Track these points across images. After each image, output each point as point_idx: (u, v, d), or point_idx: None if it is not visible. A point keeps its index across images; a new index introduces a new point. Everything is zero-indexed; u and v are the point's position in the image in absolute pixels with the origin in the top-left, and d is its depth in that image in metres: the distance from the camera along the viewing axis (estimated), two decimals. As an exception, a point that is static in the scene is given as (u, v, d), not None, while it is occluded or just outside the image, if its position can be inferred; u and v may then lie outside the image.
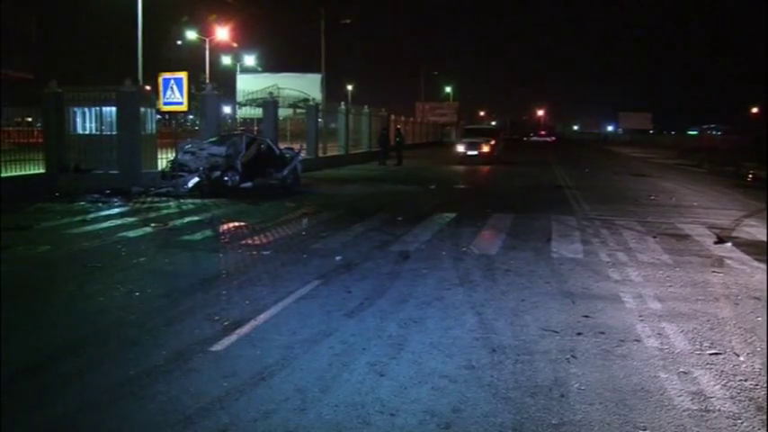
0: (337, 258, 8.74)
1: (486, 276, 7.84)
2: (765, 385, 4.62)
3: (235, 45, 50.77)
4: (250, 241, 10.19)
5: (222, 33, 45.65)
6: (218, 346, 5.33)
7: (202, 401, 4.29)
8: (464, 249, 9.46)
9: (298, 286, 7.22)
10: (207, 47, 45.25)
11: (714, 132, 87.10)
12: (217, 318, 6.09)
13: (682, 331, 5.83)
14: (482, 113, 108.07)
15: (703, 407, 4.28)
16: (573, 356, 5.19)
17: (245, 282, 7.54)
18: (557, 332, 5.78)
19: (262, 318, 6.10)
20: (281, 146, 20.78)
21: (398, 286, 7.32)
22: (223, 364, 4.96)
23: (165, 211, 13.47)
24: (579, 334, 5.74)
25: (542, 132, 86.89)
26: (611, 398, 4.41)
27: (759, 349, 5.39)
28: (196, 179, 16.08)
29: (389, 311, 6.35)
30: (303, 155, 21.74)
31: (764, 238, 10.67)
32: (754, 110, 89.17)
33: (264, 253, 9.23)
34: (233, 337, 5.55)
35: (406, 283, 7.45)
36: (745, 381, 4.72)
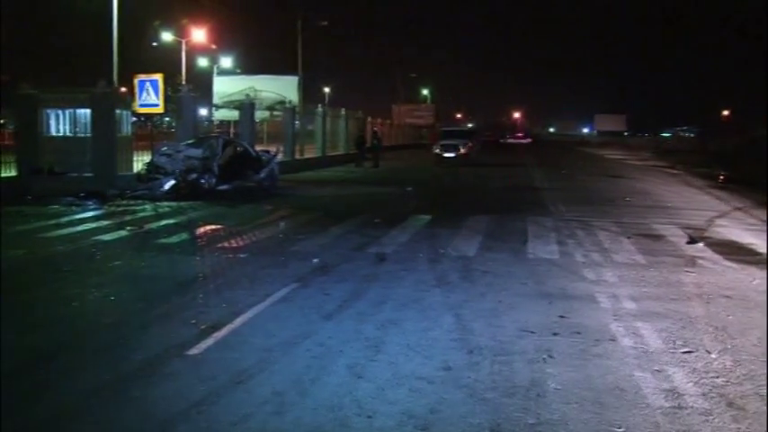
0: (315, 261, 8.73)
1: (463, 278, 7.88)
2: (736, 381, 4.71)
3: (214, 47, 50.50)
4: (227, 244, 10.13)
5: (199, 35, 45.38)
6: (194, 350, 5.31)
7: (179, 406, 4.27)
8: (441, 251, 9.49)
9: (275, 289, 7.21)
10: (183, 48, 44.94)
11: (687, 134, 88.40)
12: (193, 321, 6.06)
13: (656, 330, 5.91)
14: (459, 115, 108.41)
15: (676, 404, 4.35)
16: (549, 356, 5.23)
17: (222, 285, 7.50)
18: (533, 332, 5.82)
19: (239, 321, 6.07)
20: (258, 148, 20.72)
21: (376, 288, 7.34)
22: (200, 368, 4.93)
23: (140, 214, 13.35)
24: (555, 334, 5.79)
25: (519, 134, 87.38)
26: (588, 397, 4.45)
27: (729, 347, 5.49)
28: (172, 182, 15.96)
29: (367, 313, 6.36)
30: (280, 157, 21.68)
31: (735, 238, 10.85)
32: (725, 112, 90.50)
33: (241, 256, 9.19)
34: (210, 341, 5.52)
35: (383, 285, 7.47)
36: (717, 378, 4.80)
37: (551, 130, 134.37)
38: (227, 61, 54.57)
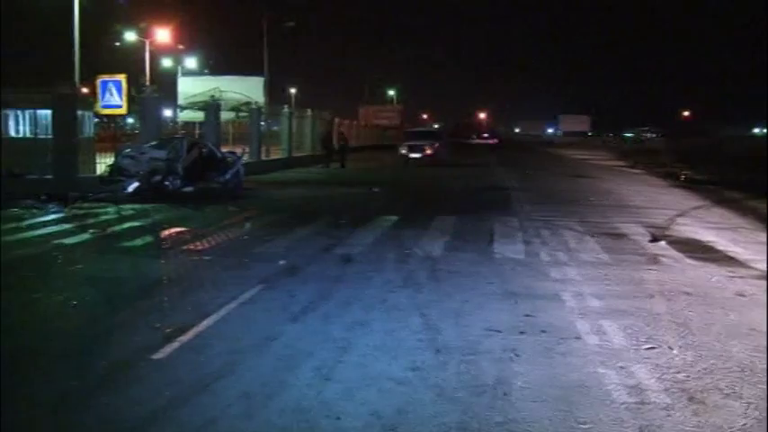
0: (281, 262, 8.68)
1: (430, 278, 7.91)
2: (696, 376, 4.81)
3: (181, 47, 49.98)
4: (192, 246, 10.03)
5: (163, 35, 44.83)
6: (160, 354, 5.24)
7: (145, 411, 4.21)
8: (408, 251, 9.51)
9: (241, 291, 7.14)
10: (147, 49, 44.35)
11: (649, 135, 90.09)
12: (158, 325, 5.98)
13: (619, 327, 6.00)
14: (425, 116, 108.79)
15: (640, 400, 4.42)
16: (516, 355, 5.28)
17: (187, 288, 7.43)
18: (500, 332, 5.87)
19: (204, 324, 6.01)
20: (224, 149, 20.56)
21: (343, 289, 7.33)
22: (166, 373, 4.88)
23: (103, 217, 13.15)
24: (522, 333, 5.84)
25: (484, 135, 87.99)
26: (553, 394, 4.50)
27: (690, 342, 5.60)
28: (136, 184, 15.75)
29: (334, 315, 6.35)
30: (246, 158, 21.53)
31: (696, 236, 11.07)
32: (686, 113, 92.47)
33: (206, 258, 9.11)
34: (175, 345, 5.46)
35: (350, 286, 7.46)
36: (678, 373, 4.89)
37: (516, 130, 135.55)
38: (191, 62, 54.00)
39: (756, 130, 79.93)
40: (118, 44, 47.74)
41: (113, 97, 19.46)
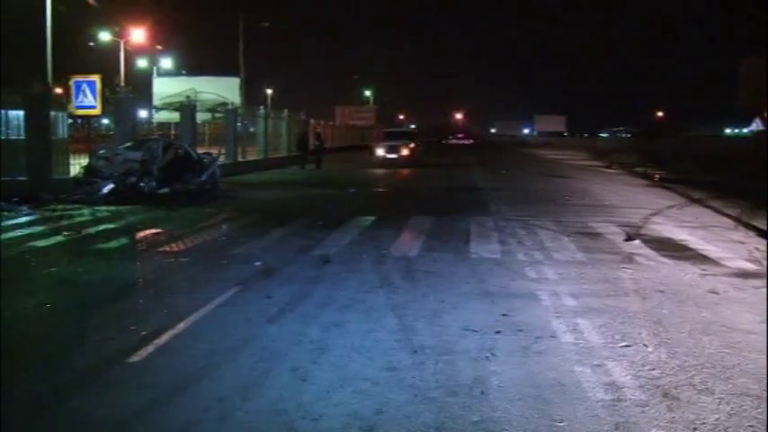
0: (257, 264, 8.65)
1: (406, 278, 7.92)
2: (670, 373, 4.87)
3: (159, 47, 49.62)
4: (167, 248, 9.95)
5: (138, 35, 44.43)
6: (135, 358, 5.19)
7: (120, 415, 4.17)
8: (384, 252, 9.52)
9: (217, 293, 7.10)
10: (122, 49, 43.90)
11: (623, 135, 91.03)
12: (133, 328, 5.92)
13: (595, 326, 6.05)
14: (402, 117, 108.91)
15: (615, 397, 4.46)
16: (492, 354, 5.30)
17: (163, 290, 7.36)
18: (476, 331, 5.89)
19: (180, 326, 5.97)
20: (200, 150, 20.43)
21: (319, 290, 7.31)
22: (141, 376, 4.83)
23: (77, 219, 12.99)
24: (498, 332, 5.87)
25: (460, 135, 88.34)
26: (530, 393, 4.53)
27: (664, 340, 5.66)
28: (111, 185, 15.59)
29: (311, 316, 6.34)
30: (222, 159, 21.42)
31: (669, 235, 11.20)
32: (660, 113, 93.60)
33: (182, 260, 9.04)
34: (150, 348, 5.41)
35: (327, 287, 7.45)
36: (653, 370, 4.95)
37: (492, 130, 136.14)
38: (167, 62, 53.62)
39: (728, 131, 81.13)
40: (92, 44, 47.22)
41: (87, 98, 19.22)
